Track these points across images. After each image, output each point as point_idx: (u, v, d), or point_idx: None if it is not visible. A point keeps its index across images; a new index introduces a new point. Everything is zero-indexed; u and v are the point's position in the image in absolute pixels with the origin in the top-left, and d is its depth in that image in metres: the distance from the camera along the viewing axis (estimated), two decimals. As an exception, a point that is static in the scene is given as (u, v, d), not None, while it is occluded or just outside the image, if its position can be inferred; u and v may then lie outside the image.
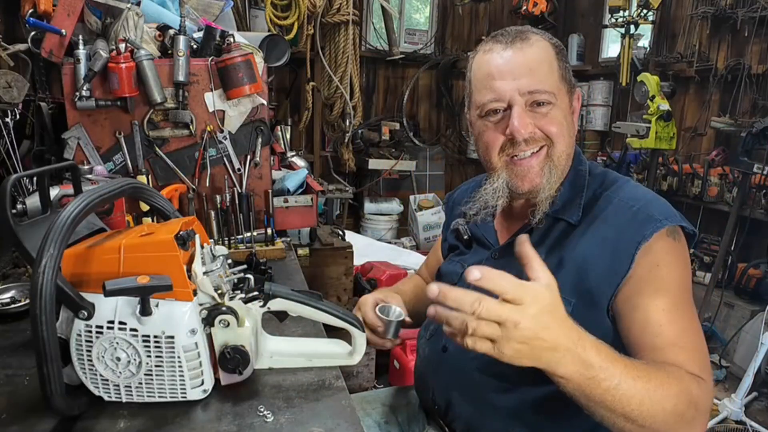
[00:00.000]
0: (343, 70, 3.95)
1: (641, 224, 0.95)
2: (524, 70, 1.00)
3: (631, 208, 0.98)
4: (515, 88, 0.99)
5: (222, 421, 0.84)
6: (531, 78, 0.99)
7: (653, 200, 1.00)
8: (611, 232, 0.97)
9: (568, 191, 1.07)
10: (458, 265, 1.20)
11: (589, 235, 0.99)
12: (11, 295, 1.27)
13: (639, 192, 1.03)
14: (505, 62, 1.01)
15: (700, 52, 4.01)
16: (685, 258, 0.97)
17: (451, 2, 5.39)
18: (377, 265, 3.20)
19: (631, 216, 0.97)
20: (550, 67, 1.02)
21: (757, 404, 2.87)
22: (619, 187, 1.04)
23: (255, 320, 0.93)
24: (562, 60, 1.05)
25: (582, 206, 1.03)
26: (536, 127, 1.01)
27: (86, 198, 0.83)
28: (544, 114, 1.01)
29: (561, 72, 1.04)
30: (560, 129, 1.02)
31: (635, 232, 0.94)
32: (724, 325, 3.44)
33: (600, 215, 1.00)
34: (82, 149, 1.75)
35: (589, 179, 1.08)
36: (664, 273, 0.93)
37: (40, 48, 1.67)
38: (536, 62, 1.00)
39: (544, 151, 1.03)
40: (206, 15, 2.00)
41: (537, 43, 1.02)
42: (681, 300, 0.93)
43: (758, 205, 3.33)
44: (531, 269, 0.77)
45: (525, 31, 1.05)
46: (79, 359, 0.83)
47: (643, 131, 3.55)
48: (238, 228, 1.71)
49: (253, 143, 1.88)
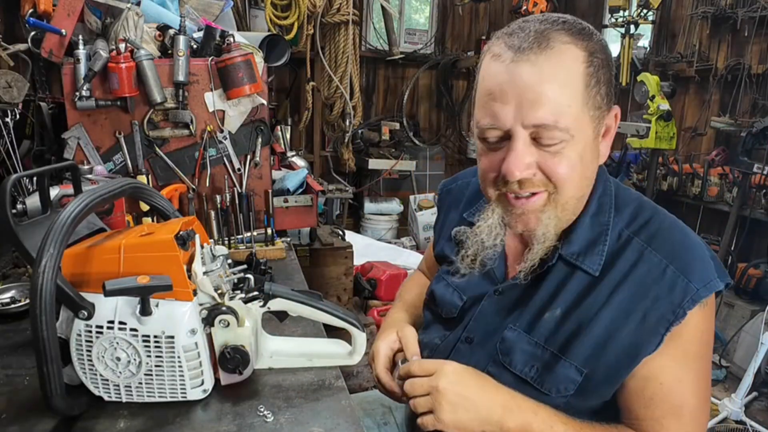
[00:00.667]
0: (343, 70, 3.95)
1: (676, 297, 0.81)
2: (533, 96, 0.77)
3: (666, 269, 0.82)
4: (518, 117, 0.79)
5: (222, 421, 0.84)
6: (540, 108, 0.77)
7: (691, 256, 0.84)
8: (641, 301, 0.83)
9: (588, 230, 0.88)
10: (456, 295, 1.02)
11: (615, 298, 0.84)
12: (11, 295, 1.27)
13: (676, 239, 0.85)
14: (510, 79, 0.78)
15: (700, 52, 4.01)
16: (708, 328, 0.85)
17: (451, 2, 5.39)
18: (377, 265, 3.21)
19: (665, 282, 0.82)
20: (573, 92, 0.78)
21: (757, 404, 2.87)
22: (654, 234, 0.86)
23: (255, 320, 0.93)
24: (595, 76, 0.80)
25: (605, 254, 0.86)
26: (539, 167, 0.81)
27: (86, 198, 0.83)
28: (552, 153, 0.80)
29: (589, 95, 0.80)
30: (571, 171, 0.81)
31: (667, 308, 0.81)
32: (724, 325, 3.44)
33: (630, 273, 0.84)
34: (82, 149, 1.75)
35: (615, 216, 0.89)
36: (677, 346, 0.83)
37: (40, 48, 1.67)
38: (553, 84, 0.77)
39: (544, 195, 0.84)
40: (206, 15, 2.00)
41: (561, 54, 0.78)
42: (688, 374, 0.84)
43: (758, 205, 3.33)
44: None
45: (548, 31, 0.79)
46: (79, 359, 0.83)
47: (643, 131, 3.55)
48: (238, 228, 1.71)
49: (253, 143, 1.88)
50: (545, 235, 0.86)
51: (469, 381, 0.85)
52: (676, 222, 0.89)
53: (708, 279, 0.82)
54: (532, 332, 0.90)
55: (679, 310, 0.81)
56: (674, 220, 0.90)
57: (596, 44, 0.82)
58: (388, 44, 4.84)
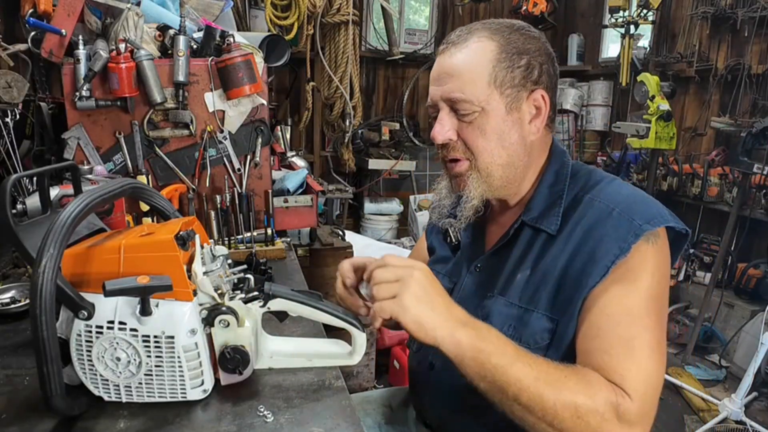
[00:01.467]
0: (343, 70, 3.95)
1: (620, 232, 0.89)
2: (446, 75, 0.97)
3: (611, 212, 0.92)
4: (439, 94, 0.98)
5: (222, 422, 0.84)
6: (451, 84, 0.96)
7: (636, 201, 0.94)
8: (590, 241, 0.91)
9: (545, 197, 1.01)
10: (445, 279, 1.14)
11: (570, 245, 0.94)
12: (11, 295, 1.27)
13: (622, 192, 0.96)
14: (438, 67, 0.99)
15: (700, 52, 4.00)
16: (657, 265, 0.89)
17: (451, 2, 5.39)
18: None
19: (611, 222, 0.91)
20: (479, 72, 0.95)
21: (757, 404, 2.88)
22: (602, 189, 0.97)
23: (255, 320, 0.93)
24: (507, 61, 0.96)
25: (561, 214, 0.98)
26: (459, 136, 0.98)
27: (86, 198, 0.83)
28: (468, 123, 0.97)
29: (496, 76, 0.95)
30: (484, 142, 0.97)
31: (613, 244, 0.88)
32: (724, 325, 3.44)
33: (580, 222, 0.94)
34: (82, 149, 1.75)
35: (570, 182, 1.02)
36: (626, 280, 0.87)
37: (40, 48, 1.67)
38: (461, 67, 0.96)
39: (467, 162, 0.99)
40: (206, 15, 2.00)
41: (473, 45, 0.96)
42: (638, 308, 0.86)
43: (758, 205, 3.33)
44: None
45: (471, 31, 0.99)
46: (79, 359, 0.83)
47: (643, 131, 3.55)
48: (238, 228, 1.71)
49: (253, 143, 1.88)
50: (470, 195, 1.00)
51: (436, 285, 0.86)
52: (625, 183, 1.01)
53: (652, 216, 0.90)
54: (506, 294, 1.00)
55: (623, 245, 0.88)
56: (623, 182, 1.01)
57: (511, 38, 0.97)
58: (388, 44, 4.84)
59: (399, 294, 0.83)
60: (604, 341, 0.85)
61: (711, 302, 3.42)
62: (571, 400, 0.78)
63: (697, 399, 2.88)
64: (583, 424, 0.78)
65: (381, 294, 0.84)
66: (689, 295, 3.76)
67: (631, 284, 0.87)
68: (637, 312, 0.86)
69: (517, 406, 0.80)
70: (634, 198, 0.94)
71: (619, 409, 0.79)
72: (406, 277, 0.83)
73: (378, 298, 0.84)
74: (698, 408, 2.85)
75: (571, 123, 5.12)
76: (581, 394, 0.79)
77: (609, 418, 0.79)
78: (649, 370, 0.83)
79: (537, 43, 0.99)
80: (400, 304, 0.82)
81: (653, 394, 0.84)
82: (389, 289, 0.84)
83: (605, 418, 0.78)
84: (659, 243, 0.90)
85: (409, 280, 0.83)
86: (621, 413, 0.79)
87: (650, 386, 0.83)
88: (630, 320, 0.85)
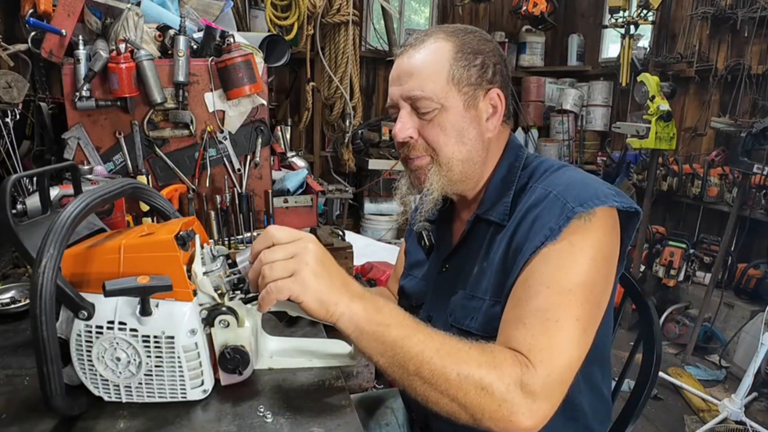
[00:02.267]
0: (343, 70, 3.95)
1: (552, 214, 0.88)
2: (406, 75, 0.99)
3: (548, 194, 0.92)
4: (399, 93, 1.00)
5: (222, 422, 0.84)
6: (411, 82, 0.98)
7: (575, 184, 0.92)
8: (525, 223, 0.92)
9: (498, 189, 1.03)
10: (421, 283, 1.16)
11: (512, 230, 0.95)
12: (11, 295, 1.27)
13: (565, 177, 0.96)
14: (396, 67, 1.02)
15: (700, 53, 4.01)
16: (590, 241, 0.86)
17: (451, 2, 5.39)
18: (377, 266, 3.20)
19: (546, 203, 0.91)
20: (437, 70, 0.97)
21: (757, 404, 2.88)
22: (548, 176, 0.98)
23: (255, 320, 0.93)
24: (463, 60, 0.98)
25: (509, 203, 1.00)
26: (420, 134, 1.00)
27: (86, 198, 0.83)
28: (428, 121, 0.99)
29: (453, 74, 0.98)
30: (444, 138, 0.99)
31: (544, 225, 0.88)
32: (724, 325, 3.44)
33: (523, 208, 0.95)
34: (82, 149, 1.75)
35: (521, 173, 1.03)
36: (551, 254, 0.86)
37: (40, 48, 1.67)
38: (420, 66, 0.98)
39: (427, 158, 1.01)
40: (206, 15, 2.00)
41: (430, 46, 0.99)
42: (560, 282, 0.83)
43: (758, 206, 3.33)
44: None
45: (428, 34, 1.02)
46: (79, 359, 0.83)
47: (643, 131, 3.55)
48: (238, 228, 1.71)
49: (253, 143, 1.88)
50: (431, 188, 1.01)
51: (329, 256, 0.81)
52: (574, 169, 1.00)
53: (586, 199, 0.88)
54: (468, 287, 1.02)
55: (554, 227, 0.87)
56: (572, 168, 1.01)
57: (468, 39, 1.00)
58: (388, 44, 4.84)
59: (297, 271, 0.76)
60: (521, 311, 0.84)
61: (711, 302, 3.42)
62: (474, 372, 0.76)
63: (697, 399, 2.88)
64: (486, 396, 0.76)
65: (276, 273, 0.76)
66: (689, 296, 3.76)
67: (559, 261, 0.85)
68: (558, 287, 0.83)
69: (418, 380, 0.77)
70: (574, 181, 0.93)
71: (523, 378, 0.77)
72: (301, 252, 0.77)
73: (272, 278, 0.76)
74: (698, 408, 2.84)
75: (571, 123, 5.12)
76: (485, 366, 0.77)
77: (513, 389, 0.76)
78: (562, 344, 0.80)
79: (490, 44, 1.03)
80: (301, 282, 0.76)
81: (564, 369, 0.80)
82: (285, 267, 0.76)
83: (509, 389, 0.76)
84: (594, 221, 0.87)
85: (305, 255, 0.77)
86: (524, 383, 0.77)
87: (561, 359, 0.80)
88: (549, 293, 0.83)
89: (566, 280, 0.84)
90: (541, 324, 0.81)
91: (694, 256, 3.77)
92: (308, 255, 0.77)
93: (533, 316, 0.82)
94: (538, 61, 5.38)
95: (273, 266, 0.77)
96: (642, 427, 2.68)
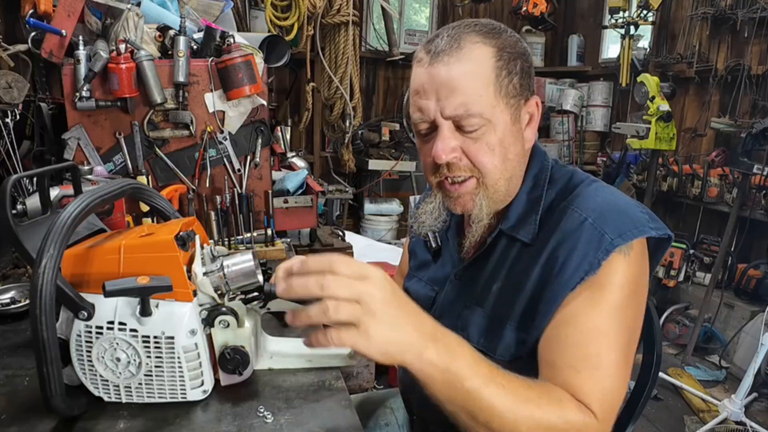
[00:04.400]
0: (343, 70, 3.95)
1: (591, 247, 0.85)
2: (447, 90, 0.87)
3: (584, 222, 0.87)
4: (438, 109, 0.88)
5: (222, 422, 0.84)
6: (455, 98, 0.87)
7: (611, 209, 0.88)
8: (562, 253, 0.87)
9: (523, 204, 0.97)
10: (428, 287, 1.11)
11: (543, 256, 0.90)
12: (11, 296, 1.27)
13: (597, 198, 0.91)
14: (429, 79, 0.88)
15: (699, 53, 4.01)
16: (628, 278, 0.85)
17: (451, 3, 5.39)
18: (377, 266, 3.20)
19: (583, 234, 0.86)
20: (484, 83, 0.87)
21: (757, 405, 2.87)
22: (578, 194, 0.92)
23: (255, 321, 0.93)
24: (506, 68, 0.89)
25: (538, 222, 0.94)
26: (464, 153, 0.90)
27: (86, 198, 0.83)
28: (474, 139, 0.89)
29: (501, 85, 0.89)
30: (491, 157, 0.90)
31: (582, 259, 0.85)
32: (724, 325, 3.44)
33: (555, 231, 0.90)
34: (82, 150, 1.75)
35: (549, 186, 0.97)
36: (595, 294, 0.84)
37: (41, 48, 1.67)
38: (463, 79, 0.87)
39: (473, 181, 0.93)
40: (206, 16, 2.00)
41: (470, 52, 0.87)
42: (607, 323, 0.83)
43: (758, 206, 3.33)
44: None
45: (461, 35, 0.89)
46: (78, 360, 0.83)
47: (643, 132, 3.55)
48: (238, 229, 1.71)
49: (253, 144, 1.88)
50: (479, 215, 0.95)
51: (399, 294, 0.71)
52: (604, 187, 0.95)
53: (624, 230, 0.85)
54: (483, 305, 0.97)
55: (594, 261, 0.84)
56: (602, 185, 0.95)
57: (506, 41, 0.91)
58: (388, 45, 4.84)
59: (361, 321, 0.66)
60: (573, 358, 0.82)
61: (711, 303, 3.42)
62: (542, 423, 0.76)
63: (697, 400, 2.88)
64: None
65: (340, 316, 0.66)
66: (689, 296, 3.76)
67: (601, 298, 0.84)
68: (606, 328, 0.83)
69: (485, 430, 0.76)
70: (608, 206, 0.89)
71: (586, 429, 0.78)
72: (367, 297, 0.66)
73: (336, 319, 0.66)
74: (698, 409, 2.84)
75: (571, 123, 5.12)
76: (553, 415, 0.77)
77: None
78: (614, 389, 0.82)
79: (522, 43, 0.95)
80: (365, 336, 0.66)
81: (614, 411, 0.83)
82: (347, 312, 0.66)
83: None
84: (632, 255, 0.85)
85: (372, 303, 0.66)
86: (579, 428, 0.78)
87: (614, 405, 0.82)
88: (600, 338, 0.83)
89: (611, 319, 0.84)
90: (596, 371, 0.82)
91: (694, 256, 3.77)
92: (376, 303, 0.67)
93: (587, 364, 0.82)
94: (538, 62, 5.37)
95: (339, 307, 0.66)
96: (642, 428, 2.68)
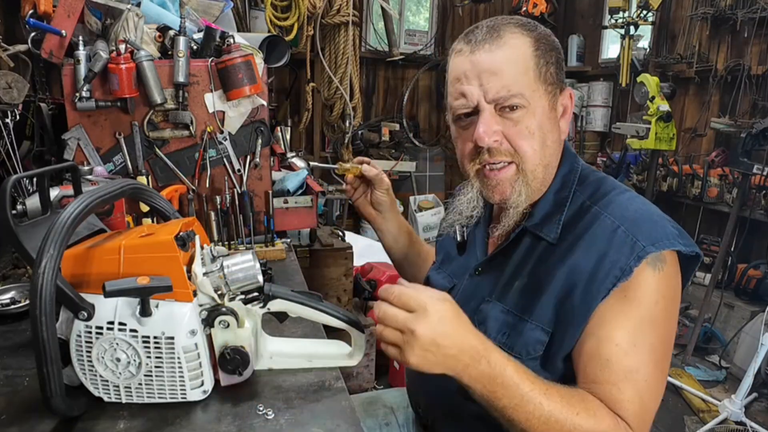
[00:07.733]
0: (343, 71, 3.95)
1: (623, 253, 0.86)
2: (490, 74, 0.91)
3: (617, 229, 0.88)
4: (481, 93, 0.92)
5: (222, 422, 0.84)
6: (498, 81, 0.91)
7: (643, 219, 0.90)
8: (593, 258, 0.88)
9: (550, 203, 0.99)
10: (447, 279, 1.14)
11: (570, 258, 0.91)
12: (11, 296, 1.27)
13: (630, 208, 0.92)
14: (471, 66, 0.93)
15: (699, 53, 4.01)
16: (663, 293, 0.86)
17: (451, 3, 5.40)
18: (377, 266, 3.20)
19: (615, 240, 0.88)
20: (525, 67, 0.92)
21: (757, 405, 2.87)
22: (610, 201, 0.93)
23: (255, 321, 0.93)
24: (543, 57, 0.94)
25: (561, 222, 0.95)
26: (505, 137, 0.94)
27: (86, 199, 0.83)
28: (514, 122, 0.93)
29: (540, 71, 0.93)
30: (531, 141, 0.94)
31: (614, 265, 0.86)
32: (724, 325, 3.44)
33: (584, 235, 0.91)
34: (82, 150, 1.75)
35: (577, 188, 0.98)
36: (632, 308, 0.86)
37: (40, 49, 1.67)
38: (504, 63, 0.91)
39: (513, 167, 0.96)
40: (206, 16, 2.00)
41: (510, 42, 0.93)
42: (644, 338, 0.85)
43: (758, 206, 3.33)
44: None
45: (499, 26, 0.94)
46: (78, 360, 0.83)
47: (642, 132, 3.55)
48: (238, 229, 1.71)
49: (253, 144, 1.88)
50: (517, 200, 0.96)
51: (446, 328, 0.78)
52: (636, 196, 0.96)
53: (657, 239, 0.86)
54: (503, 300, 0.98)
55: (625, 267, 0.85)
56: (634, 195, 0.97)
57: (541, 33, 0.96)
58: (388, 45, 4.85)
59: (403, 349, 0.79)
60: (613, 374, 0.84)
61: (711, 303, 3.42)
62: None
63: (697, 400, 2.88)
64: None
65: (385, 338, 0.80)
66: (689, 296, 3.76)
67: (638, 313, 0.85)
68: (643, 343, 0.85)
69: None
70: (641, 215, 0.90)
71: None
72: (408, 338, 0.77)
73: (382, 339, 0.81)
74: (698, 409, 2.84)
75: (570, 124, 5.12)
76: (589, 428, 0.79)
77: None
78: (650, 402, 0.85)
79: (555, 39, 0.99)
80: (404, 357, 0.79)
81: (648, 424, 0.86)
82: (390, 338, 0.79)
83: None
84: (665, 269, 0.87)
85: (411, 334, 0.77)
86: None
87: (648, 418, 0.86)
88: (637, 353, 0.84)
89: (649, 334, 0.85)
90: (634, 386, 0.83)
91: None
92: (414, 340, 0.77)
93: (626, 379, 0.83)
94: (538, 62, 5.38)
95: (384, 332, 0.80)
96: (642, 428, 2.67)
